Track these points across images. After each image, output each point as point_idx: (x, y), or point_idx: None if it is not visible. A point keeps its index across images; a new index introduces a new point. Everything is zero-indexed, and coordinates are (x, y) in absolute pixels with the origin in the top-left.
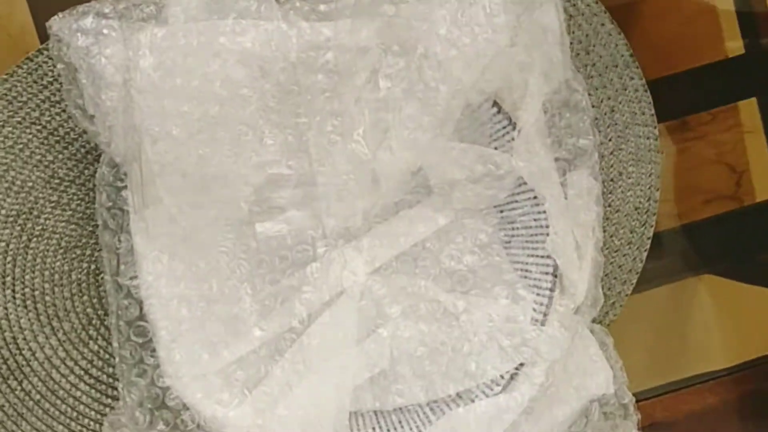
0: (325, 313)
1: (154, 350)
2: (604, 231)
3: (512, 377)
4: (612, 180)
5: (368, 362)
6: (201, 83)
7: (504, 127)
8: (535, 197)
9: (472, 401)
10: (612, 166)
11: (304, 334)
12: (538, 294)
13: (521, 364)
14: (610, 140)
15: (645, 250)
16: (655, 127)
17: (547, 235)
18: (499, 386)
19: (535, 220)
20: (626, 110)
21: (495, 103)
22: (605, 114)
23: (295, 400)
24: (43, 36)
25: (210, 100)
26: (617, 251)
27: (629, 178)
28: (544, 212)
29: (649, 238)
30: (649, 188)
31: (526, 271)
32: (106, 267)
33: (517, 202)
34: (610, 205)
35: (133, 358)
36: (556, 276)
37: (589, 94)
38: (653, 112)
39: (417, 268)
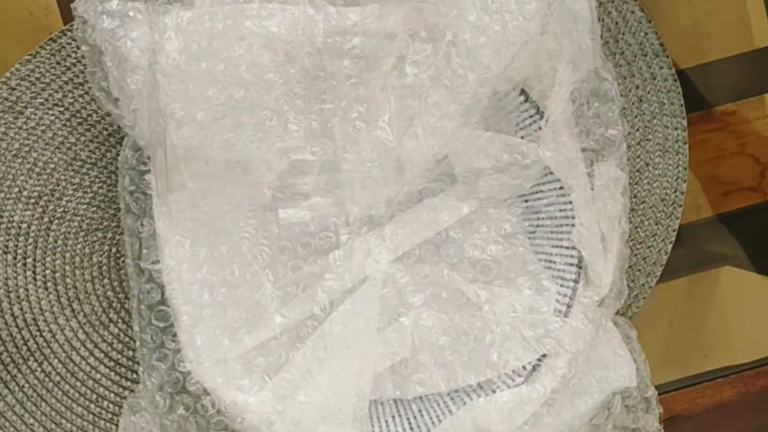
0: (347, 301)
1: (175, 335)
2: (629, 222)
3: (534, 368)
4: (638, 171)
5: (389, 350)
6: (226, 67)
7: (531, 116)
8: (561, 187)
9: (494, 392)
10: (639, 156)
11: (326, 322)
12: (562, 285)
13: (543, 356)
14: (637, 130)
15: (670, 243)
16: (683, 118)
17: (573, 226)
18: (521, 377)
19: (560, 210)
20: (654, 100)
21: (522, 92)
22: (633, 104)
23: (315, 388)
24: (67, 17)
25: (235, 84)
26: (642, 243)
27: (656, 169)
28: (570, 203)
29: (674, 230)
30: (676, 180)
31: (551, 261)
32: (128, 251)
33: (542, 192)
34: (635, 197)
35: (154, 342)
36: (580, 267)
37: (618, 83)
38: (682, 102)
39: (440, 257)
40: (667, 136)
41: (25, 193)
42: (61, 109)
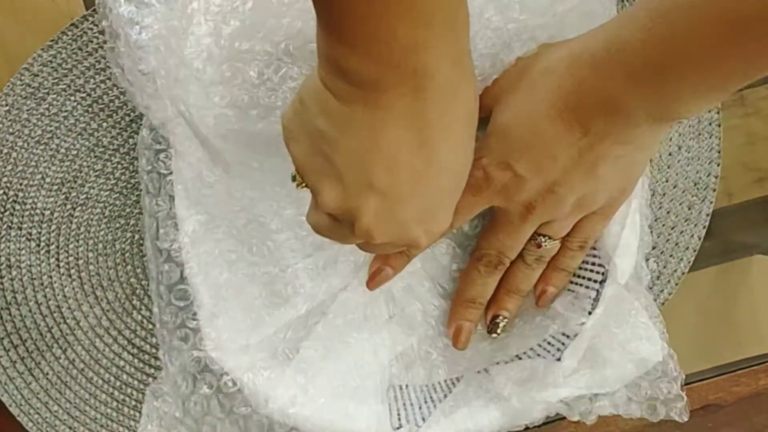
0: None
1: (195, 313)
2: (660, 207)
3: (558, 349)
4: (671, 154)
5: (407, 329)
6: (264, 45)
7: None
8: None
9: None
10: (671, 139)
11: (345, 296)
12: (594, 263)
13: (566, 335)
14: None
15: (704, 227)
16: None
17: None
18: (546, 352)
19: None
20: None
21: None
22: None
23: (336, 364)
24: (89, 2)
25: (273, 60)
26: (674, 228)
27: (689, 152)
28: None
29: (708, 215)
30: (710, 163)
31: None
32: (147, 231)
33: None
34: (667, 180)
35: (174, 322)
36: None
37: None
38: None
39: (463, 247)
40: (700, 118)
41: (47, 179)
42: (83, 94)
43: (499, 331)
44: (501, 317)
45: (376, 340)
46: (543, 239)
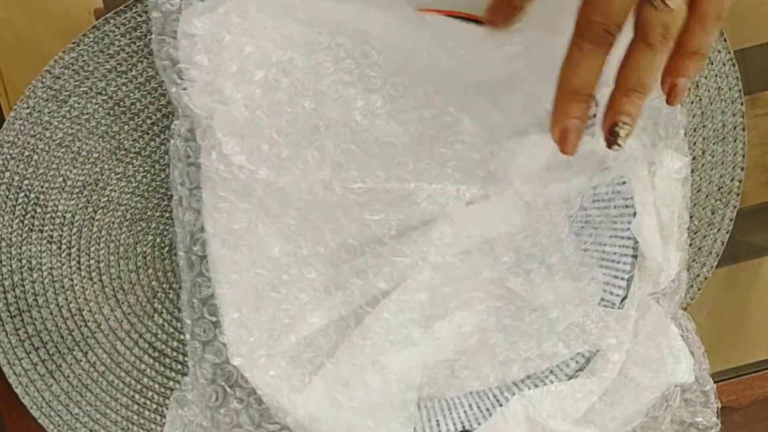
0: (393, 295)
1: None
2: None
3: (588, 361)
4: (695, 158)
5: (437, 346)
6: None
7: None
8: (621, 177)
9: (544, 384)
10: (695, 143)
11: (371, 316)
12: (615, 276)
13: (597, 350)
14: (693, 116)
15: (727, 232)
16: (741, 104)
17: (633, 215)
18: (573, 369)
19: (623, 199)
20: (712, 85)
21: None
22: (690, 89)
23: (361, 382)
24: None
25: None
26: (697, 232)
27: (713, 156)
28: (629, 193)
29: (732, 219)
30: (734, 167)
31: (604, 252)
32: (180, 243)
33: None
34: (691, 185)
35: (207, 335)
36: (635, 257)
37: None
38: (740, 87)
39: (491, 252)
40: (725, 122)
41: (69, 182)
42: (105, 97)
43: (620, 142)
44: (621, 124)
45: (404, 357)
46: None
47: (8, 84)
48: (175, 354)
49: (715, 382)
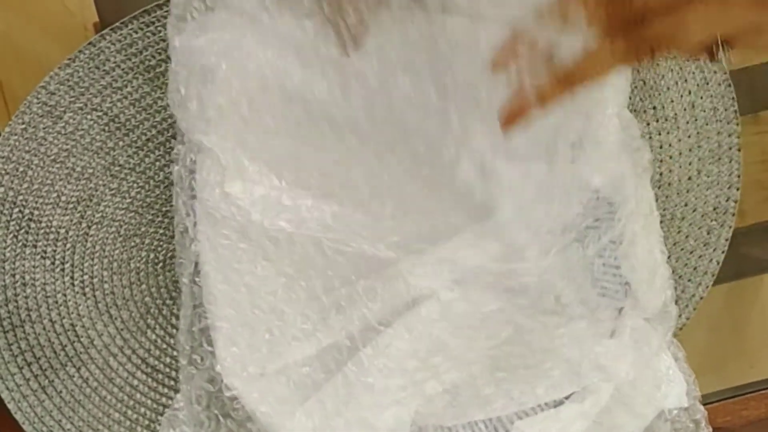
0: (395, 325)
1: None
2: (679, 231)
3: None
4: (690, 178)
5: (432, 377)
6: None
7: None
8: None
9: (535, 413)
10: (690, 163)
11: (369, 346)
12: (609, 306)
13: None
14: (689, 137)
15: (722, 252)
16: (737, 124)
17: (620, 243)
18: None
19: (611, 228)
20: (708, 106)
21: None
22: (685, 109)
23: (354, 413)
24: (102, 11)
25: None
26: (692, 252)
27: (708, 176)
28: (620, 220)
29: (727, 240)
30: (729, 187)
31: (600, 280)
32: (184, 272)
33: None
34: (686, 205)
35: (203, 364)
36: (629, 286)
37: (668, 89)
38: (736, 108)
39: (490, 284)
40: (720, 142)
41: (63, 198)
42: (100, 113)
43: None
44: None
45: (401, 384)
46: None
47: (7, 94)
48: (167, 370)
49: (711, 402)
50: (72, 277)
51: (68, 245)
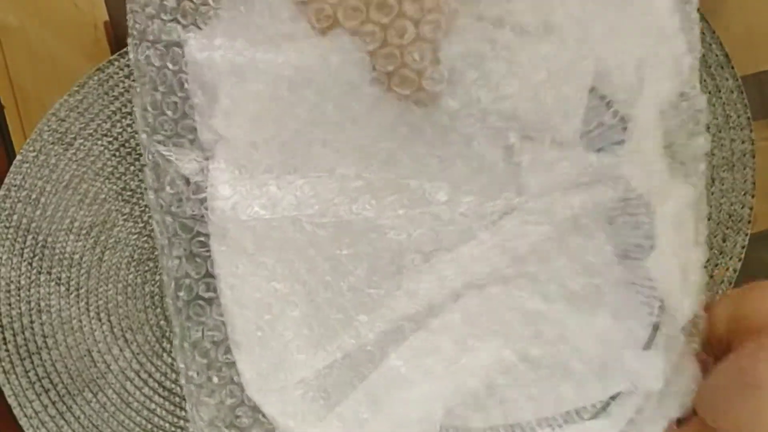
0: (420, 332)
1: (220, 369)
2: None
3: (608, 402)
4: (704, 187)
5: (458, 382)
6: None
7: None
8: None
9: (560, 426)
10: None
11: (396, 351)
12: (646, 314)
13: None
14: None
15: (739, 261)
16: (750, 131)
17: (651, 248)
18: (590, 411)
19: (645, 233)
20: (720, 113)
21: (601, 97)
22: (699, 116)
23: (380, 421)
24: (113, 10)
25: None
26: (708, 260)
27: (722, 184)
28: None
29: (743, 248)
30: (744, 195)
31: (634, 285)
32: (166, 289)
33: (628, 213)
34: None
35: (200, 378)
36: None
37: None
38: (749, 115)
39: (517, 284)
40: (734, 149)
41: (76, 224)
42: (110, 139)
43: None
44: None
45: (427, 394)
46: None
47: (17, 92)
48: (184, 393)
49: None
50: (87, 303)
51: (82, 271)
